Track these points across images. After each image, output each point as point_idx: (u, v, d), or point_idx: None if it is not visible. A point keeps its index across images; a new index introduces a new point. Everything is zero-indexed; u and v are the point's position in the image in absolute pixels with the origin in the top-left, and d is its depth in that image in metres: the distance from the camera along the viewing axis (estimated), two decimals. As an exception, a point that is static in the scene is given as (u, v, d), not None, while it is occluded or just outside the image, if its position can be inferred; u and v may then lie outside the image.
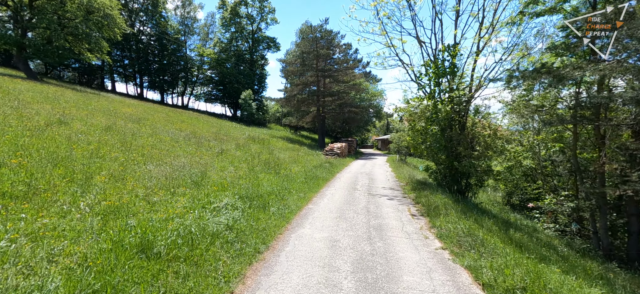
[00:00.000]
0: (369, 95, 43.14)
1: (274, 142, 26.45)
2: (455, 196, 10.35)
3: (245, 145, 18.71)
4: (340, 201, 8.90)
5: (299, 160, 18.48)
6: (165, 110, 27.48)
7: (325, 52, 33.55)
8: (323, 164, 18.42)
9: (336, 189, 11.19)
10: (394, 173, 17.13)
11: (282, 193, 9.02)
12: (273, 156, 17.15)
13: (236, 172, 10.70)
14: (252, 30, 53.16)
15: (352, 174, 15.97)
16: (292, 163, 16.44)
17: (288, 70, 35.60)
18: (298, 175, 12.78)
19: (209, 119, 32.32)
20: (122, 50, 46.14)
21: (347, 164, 22.70)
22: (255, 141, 23.24)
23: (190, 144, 13.59)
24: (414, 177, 14.06)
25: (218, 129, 24.92)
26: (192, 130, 18.73)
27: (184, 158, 10.31)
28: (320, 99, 34.86)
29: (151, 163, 8.48)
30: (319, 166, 17.08)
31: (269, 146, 22.67)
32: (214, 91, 53.53)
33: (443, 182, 11.63)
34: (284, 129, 52.12)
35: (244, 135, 25.06)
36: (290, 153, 21.24)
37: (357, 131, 49.94)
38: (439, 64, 10.65)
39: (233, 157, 13.52)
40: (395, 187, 12.13)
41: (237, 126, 34.42)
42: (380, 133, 77.16)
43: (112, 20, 27.32)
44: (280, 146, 24.64)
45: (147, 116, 18.25)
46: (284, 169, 13.60)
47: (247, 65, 52.39)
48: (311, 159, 20.69)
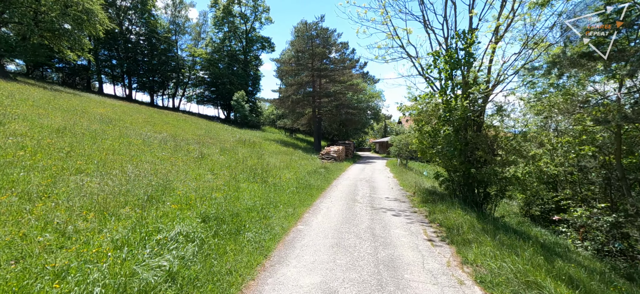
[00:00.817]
0: (367, 96, 41.58)
1: (266, 145, 24.71)
2: (472, 209, 8.72)
3: (232, 149, 16.96)
4: (337, 219, 7.21)
5: (291, 165, 16.77)
6: (150, 111, 25.65)
7: (321, 50, 31.95)
8: (318, 169, 16.73)
9: (333, 201, 9.50)
10: (397, 180, 15.47)
11: (266, 209, 7.31)
12: (262, 161, 15.43)
13: (214, 181, 8.98)
14: (246, 30, 51.50)
15: (350, 181, 14.29)
16: (284, 169, 14.73)
17: (282, 70, 33.97)
18: (289, 183, 11.08)
19: (197, 121, 30.52)
20: (109, 50, 44.20)
21: (345, 169, 21.02)
22: (245, 144, 21.50)
23: (165, 149, 11.84)
24: (420, 185, 12.41)
25: (205, 132, 23.16)
26: (173, 132, 16.97)
27: (149, 165, 8.56)
28: (316, 100, 33.23)
29: (100, 173, 6.74)
30: (313, 172, 15.39)
31: (260, 149, 20.94)
32: (206, 92, 51.72)
33: (457, 192, 9.99)
34: (279, 132, 50.38)
35: (234, 138, 23.32)
36: (282, 157, 19.53)
37: (355, 134, 48.36)
38: (452, 53, 9.04)
39: (214, 163, 11.79)
40: (401, 198, 10.47)
41: (228, 128, 32.64)
42: (378, 136, 75.64)
43: (93, 16, 25.49)
44: (273, 150, 22.92)
45: (123, 117, 16.46)
46: (273, 176, 11.88)
47: (241, 65, 50.65)
48: (305, 163, 18.98)
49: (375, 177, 16.41)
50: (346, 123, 39.19)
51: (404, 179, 14.97)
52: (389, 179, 15.86)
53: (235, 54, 51.25)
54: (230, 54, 50.31)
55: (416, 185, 12.54)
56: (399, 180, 15.21)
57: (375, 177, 16.38)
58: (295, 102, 32.48)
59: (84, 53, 28.21)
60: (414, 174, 17.87)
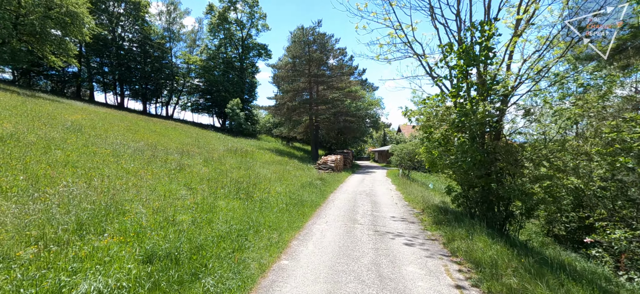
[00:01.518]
0: (366, 104, 40.36)
1: (259, 154, 23.25)
2: (494, 231, 7.27)
3: (220, 159, 15.49)
4: (333, 249, 5.73)
5: (285, 176, 15.30)
6: (137, 119, 24.21)
7: (318, 56, 30.77)
8: (314, 181, 15.26)
9: (328, 221, 8.02)
10: (401, 193, 13.99)
11: (244, 235, 5.84)
12: (252, 172, 13.95)
13: (187, 198, 7.51)
14: (242, 37, 50.53)
15: (349, 195, 12.81)
16: (275, 181, 13.25)
17: (278, 76, 32.74)
18: (278, 199, 9.61)
19: (189, 130, 29.08)
20: (101, 57, 43.00)
21: (343, 180, 19.54)
22: (236, 153, 20.02)
23: (137, 160, 10.36)
24: (428, 200, 10.94)
25: (194, 140, 21.70)
26: (155, 141, 15.50)
27: (107, 180, 7.09)
28: (313, 107, 31.92)
29: (29, 192, 5.27)
30: (308, 185, 13.92)
31: (251, 159, 19.47)
32: (200, 100, 50.41)
33: (473, 211, 8.54)
34: (276, 140, 48.97)
35: (225, 146, 21.85)
36: (275, 168, 18.05)
37: (353, 142, 46.99)
38: (468, 48, 7.68)
39: (194, 175, 10.31)
40: (409, 218, 8.98)
41: (221, 136, 31.19)
42: (377, 144, 74.30)
43: (78, 19, 24.23)
44: (266, 159, 21.45)
45: (100, 125, 15.00)
46: (261, 190, 10.40)
47: (237, 73, 49.52)
48: (300, 174, 17.51)
49: (376, 190, 14.94)
50: (344, 131, 37.84)
51: (409, 193, 13.50)
52: (392, 192, 14.38)
53: (231, 61, 50.16)
54: (226, 61, 49.21)
55: (423, 200, 11.07)
56: (403, 193, 13.73)
57: (376, 190, 14.90)
58: (291, 110, 31.14)
59: (69, 59, 26.84)
60: (419, 187, 16.40)
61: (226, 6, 46.92)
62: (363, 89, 42.33)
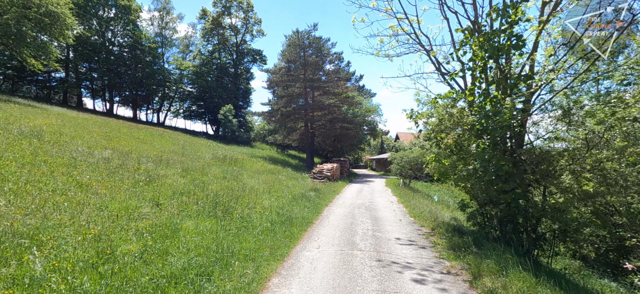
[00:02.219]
0: (363, 110, 39.14)
1: (250, 163, 21.76)
2: (520, 256, 5.86)
3: (203, 168, 14.00)
4: (325, 291, 4.28)
5: (275, 188, 13.83)
6: (119, 126, 22.69)
7: (313, 60, 29.58)
8: (307, 192, 13.80)
9: (321, 246, 6.56)
10: (404, 206, 12.54)
11: (208, 273, 4.38)
12: (237, 183, 12.47)
13: (150, 218, 6.05)
14: (237, 43, 49.41)
15: (346, 210, 11.35)
16: (264, 193, 11.79)
17: (273, 81, 31.45)
18: (263, 216, 8.15)
19: (177, 137, 27.57)
20: (89, 62, 41.54)
21: (340, 190, 18.08)
22: (224, 162, 18.54)
23: (99, 170, 8.87)
24: (438, 216, 9.51)
25: (181, 148, 20.20)
26: (132, 149, 14.00)
27: (39, 198, 5.61)
28: (309, 113, 30.59)
29: None
30: (300, 197, 12.46)
31: (240, 168, 17.98)
32: (193, 106, 48.95)
33: (495, 232, 7.13)
34: (270, 148, 47.48)
35: (212, 155, 20.35)
36: (266, 178, 16.58)
37: (350, 150, 45.64)
38: (490, 35, 6.36)
39: (166, 188, 8.83)
40: (418, 240, 7.53)
41: (212, 144, 29.69)
42: (374, 152, 72.98)
43: (59, 20, 22.85)
44: (257, 168, 19.96)
45: (68, 131, 13.49)
46: (244, 205, 8.94)
47: (231, 79, 48.27)
48: (293, 185, 16.05)
49: (377, 202, 13.49)
50: (341, 138, 36.49)
51: (413, 206, 12.06)
52: (394, 205, 12.93)
53: (225, 67, 48.95)
54: (220, 67, 47.99)
55: (432, 216, 9.64)
56: (407, 207, 12.28)
57: (376, 203, 13.45)
58: (286, 116, 29.78)
59: (51, 62, 25.38)
60: (422, 199, 14.98)
61: (220, 11, 45.83)
62: (360, 95, 41.18)
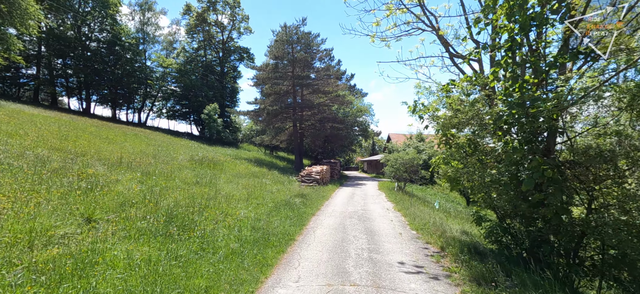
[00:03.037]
0: (355, 110, 37.72)
1: (232, 165, 19.98)
2: (560, 284, 4.40)
3: (172, 172, 12.21)
4: None
5: (256, 194, 12.16)
6: (86, 124, 20.60)
7: (302, 56, 27.98)
8: (293, 199, 12.17)
9: (301, 280, 4.95)
10: (402, 215, 11.00)
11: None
12: (210, 189, 10.74)
13: (56, 248, 4.33)
14: (223, 40, 47.48)
15: (336, 221, 9.75)
16: (241, 201, 10.12)
17: (260, 78, 29.70)
18: (232, 233, 6.51)
19: (155, 137, 25.54)
20: (63, 58, 38.93)
21: (329, 195, 16.50)
22: (202, 164, 16.73)
23: (26, 174, 7.05)
24: (444, 229, 7.99)
25: (155, 149, 18.30)
26: (88, 150, 12.10)
27: None
28: (297, 113, 28.94)
29: None
30: (284, 205, 10.83)
31: (220, 171, 16.23)
32: (176, 106, 46.68)
33: (523, 253, 5.64)
34: (258, 150, 45.62)
35: (191, 156, 18.50)
36: (248, 182, 14.86)
37: (341, 152, 44.14)
38: (521, 1, 4.88)
39: (110, 198, 7.06)
40: (426, 266, 5.95)
41: (194, 145, 27.73)
42: (365, 154, 71.77)
43: (19, 8, 20.64)
44: (239, 171, 18.19)
45: (9, 129, 11.52)
46: (210, 218, 7.27)
47: (217, 78, 46.26)
48: (278, 190, 14.41)
49: (371, 210, 11.94)
50: (331, 139, 34.96)
51: (413, 215, 10.55)
52: (390, 213, 11.40)
53: (211, 65, 46.91)
54: (205, 65, 45.93)
55: (437, 229, 8.13)
56: (406, 216, 10.77)
57: (370, 210, 11.90)
58: (273, 115, 28.05)
59: (12, 55, 23.08)
60: (422, 205, 13.50)
61: (205, 7, 43.84)
62: (351, 95, 39.79)
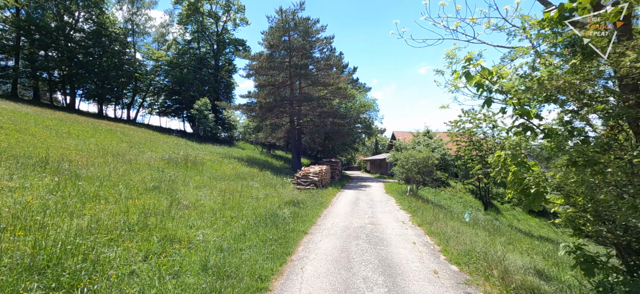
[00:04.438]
0: (358, 105, 34.90)
1: (218, 166, 17.22)
2: None
3: (124, 175, 9.46)
4: None
5: (233, 202, 9.43)
6: (48, 118, 17.90)
7: (300, 44, 25.17)
8: (281, 209, 9.43)
9: None
10: (428, 235, 8.14)
11: None
12: (168, 198, 7.98)
13: None
14: (217, 31, 44.73)
15: (336, 246, 6.99)
16: (207, 215, 7.39)
17: (252, 68, 26.87)
18: (159, 282, 3.72)
19: (136, 134, 22.83)
20: (45, 50, 36.26)
21: (328, 202, 13.72)
22: (177, 164, 13.99)
23: None
24: (506, 268, 5.17)
25: (125, 147, 15.60)
26: (13, 146, 9.38)
27: None
28: (295, 107, 26.15)
29: None
30: (268, 218, 8.08)
31: (197, 172, 13.48)
32: (167, 101, 43.99)
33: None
34: (255, 148, 42.84)
35: (169, 155, 15.77)
36: (229, 186, 12.12)
37: (343, 150, 41.28)
38: None
39: None
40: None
41: (181, 142, 25.02)
42: (368, 153, 68.90)
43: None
44: (223, 173, 15.42)
45: None
46: (127, 251, 4.49)
47: (212, 71, 43.53)
48: (267, 196, 11.68)
49: (383, 225, 9.15)
50: (332, 136, 32.13)
51: (442, 234, 7.73)
52: (409, 230, 8.60)
53: (205, 58, 44.16)
54: (199, 58, 43.19)
55: (491, 263, 5.32)
56: (432, 235, 7.96)
57: (382, 226, 9.11)
58: (267, 109, 25.24)
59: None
60: (444, 217, 10.65)
61: (198, -5, 41.08)
62: (354, 89, 36.98)
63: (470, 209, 10.15)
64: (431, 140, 25.20)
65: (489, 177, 20.75)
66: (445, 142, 25.04)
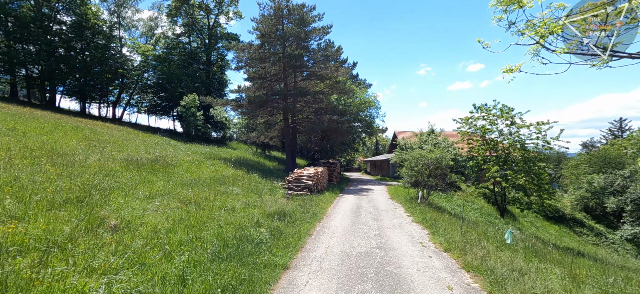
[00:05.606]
0: (357, 102, 32.47)
1: (195, 168, 14.76)
2: None
3: (44, 182, 6.99)
4: None
5: (197, 217, 7.01)
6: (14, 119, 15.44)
7: (294, 32, 22.74)
8: (259, 225, 7.01)
9: None
10: (466, 271, 5.64)
11: None
12: (88, 216, 5.51)
13: None
14: (209, 25, 42.29)
15: (331, 287, 4.51)
16: (147, 244, 4.89)
17: (242, 59, 24.38)
18: None
19: (110, 132, 20.32)
20: (23, 44, 33.75)
21: (323, 213, 11.26)
22: (140, 167, 11.50)
23: None
24: None
25: (85, 146, 13.14)
26: None
27: None
28: (289, 102, 23.70)
29: None
30: (239, 241, 5.64)
31: (166, 175, 11.02)
32: (155, 99, 41.52)
33: None
34: (250, 148, 40.28)
35: (139, 156, 13.30)
36: (200, 192, 9.66)
37: (341, 150, 38.81)
38: None
39: None
40: None
41: (162, 141, 22.56)
42: (368, 154, 66.42)
43: None
44: (199, 177, 12.94)
45: None
46: None
47: (203, 67, 41.09)
48: (247, 206, 9.27)
49: (394, 247, 6.71)
50: (330, 135, 29.68)
51: (487, 268, 5.28)
52: (435, 260, 6.15)
53: (196, 54, 41.71)
54: (189, 54, 40.75)
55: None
56: (469, 268, 5.51)
57: (393, 248, 6.67)
58: (258, 104, 22.74)
59: None
60: (476, 233, 8.17)
61: (188, -14, 38.64)
62: (354, 84, 34.58)
63: (511, 229, 7.61)
64: (440, 139, 22.75)
65: (508, 180, 18.38)
66: (455, 141, 22.61)
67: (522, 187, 18.03)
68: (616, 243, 22.24)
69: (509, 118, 19.29)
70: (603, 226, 25.80)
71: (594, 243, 22.03)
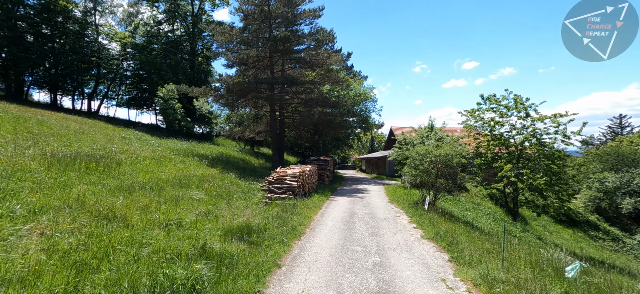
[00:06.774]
0: (353, 95, 30.01)
1: (154, 166, 12.16)
2: None
3: None
4: None
5: (108, 245, 4.41)
6: None
7: (281, 11, 20.13)
8: (202, 255, 4.51)
9: None
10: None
11: None
12: None
13: None
14: (193, 13, 39.37)
15: None
16: None
17: (220, 42, 21.67)
18: None
19: (66, 124, 17.50)
20: (-15, 30, 30.46)
21: (307, 223, 8.78)
22: (69, 166, 8.86)
23: None
24: None
25: (12, 138, 10.47)
26: None
27: None
28: (276, 92, 21.13)
29: None
30: None
31: (105, 176, 8.43)
32: (134, 91, 38.55)
33: None
34: (237, 145, 37.53)
35: (77, 151, 10.65)
36: (135, 201, 7.09)
37: (335, 146, 36.34)
38: None
39: None
40: None
41: (130, 135, 19.84)
42: (363, 151, 64.02)
43: None
44: (153, 177, 10.34)
45: None
46: None
47: (187, 57, 38.21)
48: (207, 216, 6.76)
49: (406, 290, 4.26)
50: (322, 128, 27.17)
51: None
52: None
53: (180, 42, 38.81)
54: (172, 43, 37.82)
55: None
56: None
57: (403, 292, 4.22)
58: (239, 94, 20.13)
59: None
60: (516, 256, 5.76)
61: (169, -32, 35.65)
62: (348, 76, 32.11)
63: (580, 263, 5.27)
64: (444, 134, 20.37)
65: (523, 180, 16.14)
66: (460, 136, 20.29)
67: (536, 188, 15.81)
68: (635, 249, 20.23)
69: (523, 110, 17.00)
70: (617, 229, 23.83)
71: (613, 249, 19.97)
